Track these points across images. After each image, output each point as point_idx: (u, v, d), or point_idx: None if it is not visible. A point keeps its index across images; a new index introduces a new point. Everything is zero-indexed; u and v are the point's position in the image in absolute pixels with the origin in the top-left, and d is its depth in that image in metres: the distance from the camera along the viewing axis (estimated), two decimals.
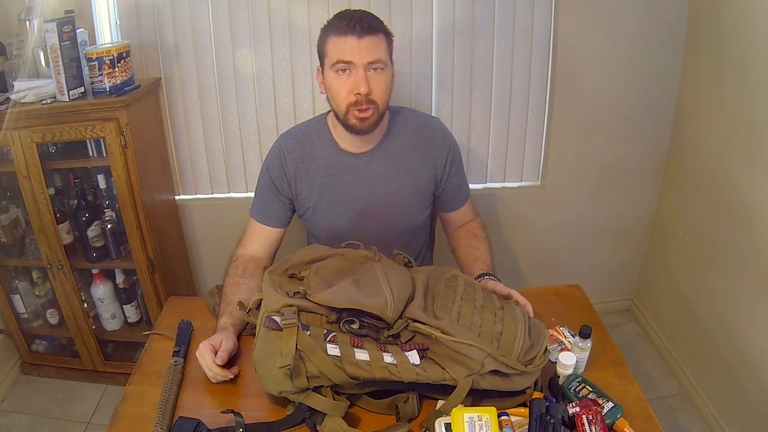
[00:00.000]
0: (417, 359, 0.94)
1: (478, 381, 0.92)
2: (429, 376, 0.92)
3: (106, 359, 2.02)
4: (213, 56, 1.82)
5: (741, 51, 1.60)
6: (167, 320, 1.25)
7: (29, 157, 1.63)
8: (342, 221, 1.37)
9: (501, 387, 0.94)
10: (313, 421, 0.94)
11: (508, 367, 0.93)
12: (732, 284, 1.70)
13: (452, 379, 0.92)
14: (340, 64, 1.18)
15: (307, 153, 1.34)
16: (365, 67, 1.17)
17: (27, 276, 1.94)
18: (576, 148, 2.05)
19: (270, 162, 1.36)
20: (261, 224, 1.38)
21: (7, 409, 1.95)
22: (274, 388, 0.93)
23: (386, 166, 1.34)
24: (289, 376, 0.89)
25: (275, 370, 0.90)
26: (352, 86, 1.19)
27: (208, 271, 2.20)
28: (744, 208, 1.63)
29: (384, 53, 1.21)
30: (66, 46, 1.52)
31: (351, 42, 1.16)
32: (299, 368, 0.90)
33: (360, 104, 1.20)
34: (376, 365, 0.92)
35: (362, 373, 0.91)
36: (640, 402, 1.00)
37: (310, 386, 0.91)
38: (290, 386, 0.91)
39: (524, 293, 1.17)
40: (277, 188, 1.36)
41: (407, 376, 0.92)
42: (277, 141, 1.38)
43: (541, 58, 1.89)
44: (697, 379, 1.92)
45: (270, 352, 0.93)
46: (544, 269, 2.26)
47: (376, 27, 1.20)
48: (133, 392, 1.06)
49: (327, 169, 1.33)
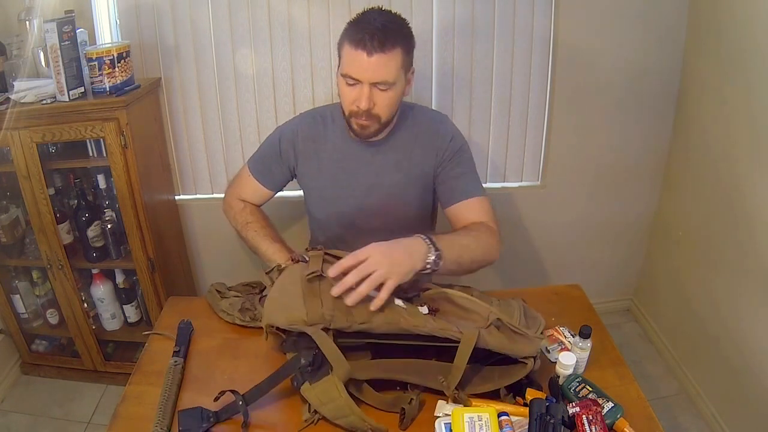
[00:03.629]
0: (426, 310, 0.99)
1: (484, 336, 0.94)
2: (436, 326, 0.95)
3: (106, 359, 2.02)
4: (213, 56, 1.82)
5: (741, 50, 1.60)
6: (167, 320, 1.25)
7: (29, 157, 1.63)
8: (345, 207, 1.40)
9: (505, 347, 0.95)
10: (304, 378, 0.92)
11: (510, 324, 0.98)
12: (732, 284, 1.70)
13: (458, 332, 0.95)
14: (348, 78, 1.19)
15: (320, 134, 1.38)
16: (371, 85, 1.18)
17: (27, 276, 1.94)
18: (576, 148, 2.05)
19: (283, 132, 1.41)
20: (256, 180, 1.44)
21: (7, 409, 1.95)
22: (285, 314, 0.95)
23: (392, 157, 1.35)
24: (303, 298, 0.94)
25: (293, 291, 0.95)
26: (355, 98, 1.21)
27: (208, 271, 2.20)
28: (744, 208, 1.63)
29: (393, 72, 1.18)
30: (66, 46, 1.52)
31: (360, 58, 1.15)
32: (316, 293, 0.94)
33: (360, 116, 1.22)
34: (389, 306, 0.96)
35: (374, 311, 0.95)
36: (640, 402, 1.00)
37: (323, 311, 0.93)
38: (302, 309, 0.93)
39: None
40: (283, 158, 1.41)
41: (416, 321, 0.95)
42: (295, 118, 1.44)
43: (541, 58, 1.89)
44: (697, 379, 1.91)
45: (293, 278, 0.99)
46: (544, 269, 2.26)
47: (391, 43, 1.15)
48: (133, 392, 1.06)
49: (334, 154, 1.37)
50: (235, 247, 2.01)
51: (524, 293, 1.19)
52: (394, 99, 1.23)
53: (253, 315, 1.21)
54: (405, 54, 1.20)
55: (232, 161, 1.98)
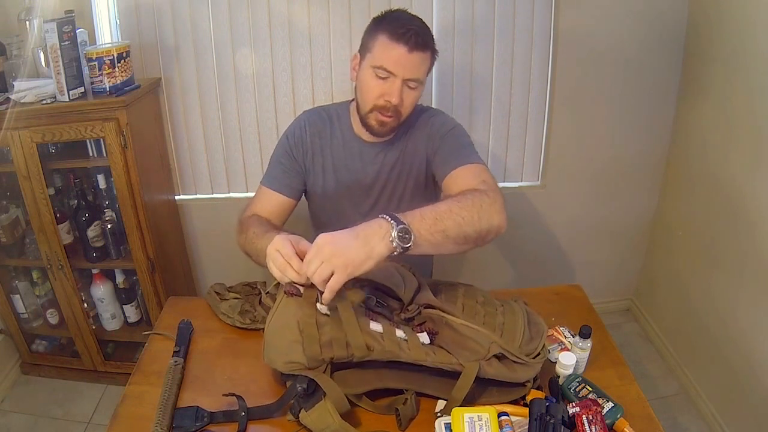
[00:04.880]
0: (427, 340, 0.96)
1: (484, 368, 0.93)
2: (437, 359, 0.94)
3: (106, 359, 2.02)
4: (213, 56, 1.82)
5: (741, 50, 1.60)
6: (167, 320, 1.24)
7: (29, 157, 1.63)
8: (346, 206, 1.39)
9: (505, 376, 0.95)
10: (300, 405, 0.92)
11: (511, 354, 0.95)
12: (732, 284, 1.70)
13: (459, 364, 0.93)
14: (381, 70, 1.17)
15: (325, 130, 1.36)
16: (404, 80, 1.18)
17: (27, 276, 1.94)
18: (576, 148, 2.05)
19: (290, 131, 1.37)
20: (273, 191, 1.34)
21: (7, 409, 1.95)
22: (284, 358, 0.94)
23: (394, 158, 1.35)
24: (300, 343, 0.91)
25: (289, 337, 0.92)
26: (385, 92, 1.19)
27: (208, 271, 2.20)
28: (745, 208, 1.63)
29: (424, 72, 1.21)
30: (66, 46, 1.52)
31: (400, 52, 1.15)
32: (314, 335, 0.92)
33: (387, 110, 1.21)
34: (389, 338, 0.94)
35: (374, 343, 0.92)
36: (640, 402, 1.00)
37: (322, 356, 0.92)
38: (302, 357, 0.92)
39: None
40: (294, 156, 1.36)
41: (417, 354, 0.93)
42: (300, 115, 1.40)
43: (541, 58, 1.89)
44: (697, 379, 1.91)
45: (287, 321, 0.95)
46: (544, 269, 2.26)
47: (429, 44, 1.19)
48: (133, 392, 1.06)
49: (338, 151, 1.36)
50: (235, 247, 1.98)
51: (524, 293, 1.19)
52: (417, 99, 1.25)
53: (253, 317, 1.21)
54: (432, 62, 1.23)
55: (232, 161, 1.98)
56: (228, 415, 0.97)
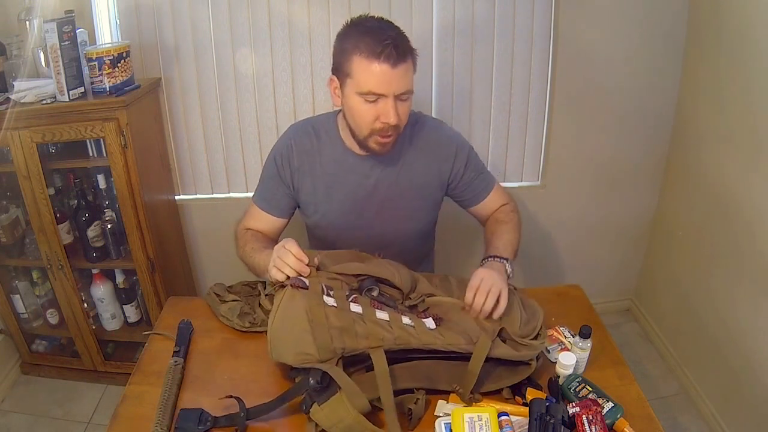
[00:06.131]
0: (432, 325, 1.00)
1: (492, 348, 0.97)
2: (446, 340, 0.97)
3: (106, 359, 2.02)
4: (213, 56, 1.82)
5: (741, 50, 1.60)
6: (167, 320, 1.25)
7: (29, 157, 1.63)
8: (341, 221, 1.35)
9: (512, 355, 0.98)
10: (313, 399, 0.91)
11: (514, 335, 1.00)
12: (732, 284, 1.70)
13: (470, 340, 0.97)
14: (370, 95, 1.11)
15: (314, 147, 1.31)
16: (395, 96, 1.12)
17: (27, 276, 1.94)
18: (576, 148, 2.04)
19: (277, 151, 1.33)
20: (264, 212, 1.36)
21: (7, 409, 1.95)
22: (294, 350, 0.95)
23: (390, 170, 1.31)
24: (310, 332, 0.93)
25: (298, 327, 0.93)
26: (380, 114, 1.13)
27: (208, 271, 2.20)
28: (744, 208, 1.63)
29: (412, 80, 1.15)
30: (66, 46, 1.52)
31: (384, 70, 1.08)
32: (323, 322, 0.94)
33: (386, 132, 1.16)
34: (396, 324, 0.97)
35: (382, 332, 0.95)
36: (640, 402, 1.00)
37: (333, 344, 0.94)
38: (312, 347, 0.93)
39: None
40: (281, 178, 1.32)
41: (426, 338, 0.97)
42: (287, 131, 1.35)
43: (541, 58, 1.89)
44: (697, 379, 1.92)
45: (295, 312, 0.96)
46: (544, 269, 2.26)
47: (408, 51, 1.12)
48: (133, 392, 1.06)
49: (330, 167, 1.31)
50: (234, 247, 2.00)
51: (524, 293, 1.19)
52: (410, 108, 1.21)
53: (253, 319, 1.21)
54: (415, 62, 1.17)
55: (232, 161, 1.98)
56: (231, 419, 0.96)
